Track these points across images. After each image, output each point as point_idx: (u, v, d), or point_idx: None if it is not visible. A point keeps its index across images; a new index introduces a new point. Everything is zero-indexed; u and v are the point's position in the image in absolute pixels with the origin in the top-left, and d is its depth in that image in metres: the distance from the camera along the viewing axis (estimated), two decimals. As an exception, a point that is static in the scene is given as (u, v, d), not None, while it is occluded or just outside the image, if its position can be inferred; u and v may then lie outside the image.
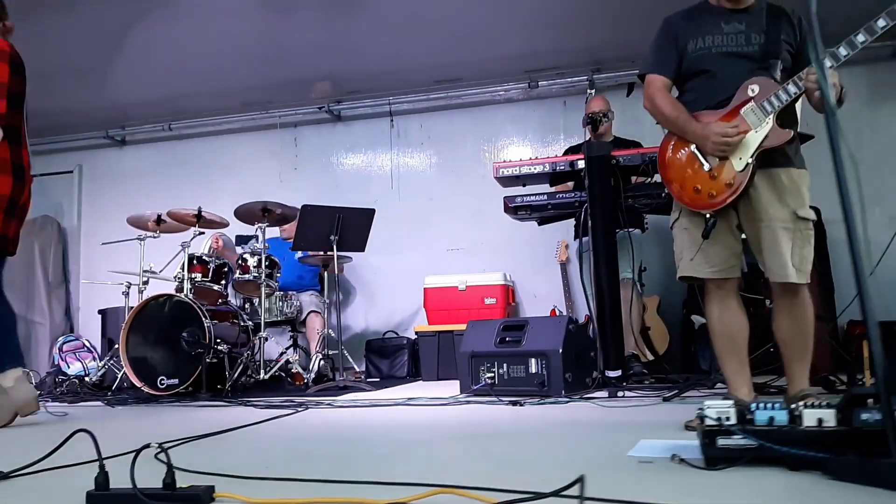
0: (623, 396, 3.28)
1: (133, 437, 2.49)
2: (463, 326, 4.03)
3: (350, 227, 4.60)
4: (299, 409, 3.29)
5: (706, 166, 2.35)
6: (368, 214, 4.68)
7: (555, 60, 5.55)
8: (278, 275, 4.86)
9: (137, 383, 4.21)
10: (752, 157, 2.28)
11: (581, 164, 3.65)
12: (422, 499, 1.25)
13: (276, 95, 6.05)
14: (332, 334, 4.70)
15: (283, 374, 4.71)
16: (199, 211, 4.67)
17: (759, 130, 2.28)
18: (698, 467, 1.60)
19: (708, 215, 2.35)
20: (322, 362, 4.74)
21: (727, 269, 2.37)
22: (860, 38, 2.17)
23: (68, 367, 5.69)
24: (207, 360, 4.16)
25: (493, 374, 3.56)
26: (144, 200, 6.02)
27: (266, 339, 4.65)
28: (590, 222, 3.60)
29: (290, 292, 5.16)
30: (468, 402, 3.32)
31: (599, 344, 3.62)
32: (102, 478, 1.37)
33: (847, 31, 2.22)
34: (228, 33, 5.36)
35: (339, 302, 4.83)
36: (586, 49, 5.47)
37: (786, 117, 2.33)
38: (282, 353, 5.01)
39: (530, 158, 3.85)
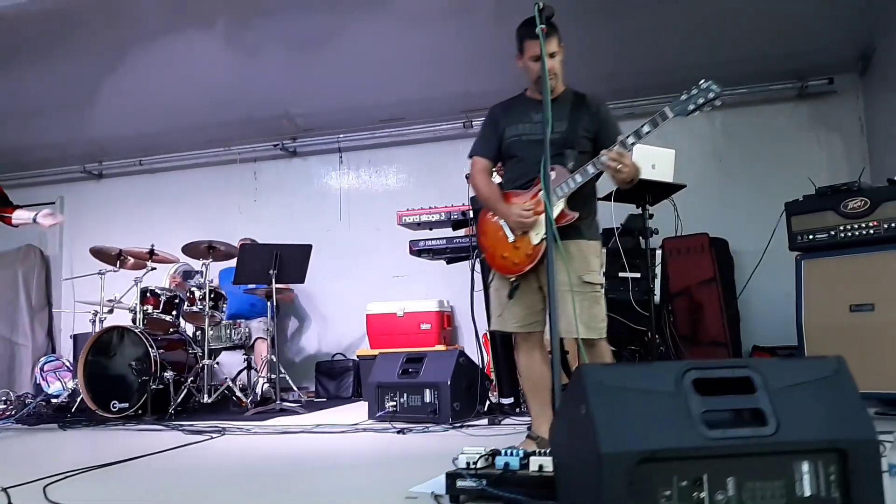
0: (499, 424, 3.66)
1: (40, 464, 2.92)
2: (402, 350, 4.45)
3: (288, 262, 5.01)
4: (214, 436, 3.73)
5: (510, 238, 2.74)
6: (305, 250, 5.09)
7: (487, 101, 5.91)
8: (224, 306, 5.30)
9: (91, 406, 4.67)
10: (545, 233, 2.65)
11: (471, 214, 4.03)
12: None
13: (236, 133, 6.51)
14: (274, 359, 5.13)
15: (230, 396, 5.14)
16: (152, 248, 5.14)
17: (553, 210, 2.65)
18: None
19: (512, 279, 2.73)
20: (266, 385, 5.18)
21: (529, 324, 2.75)
22: (644, 129, 2.55)
23: (49, 385, 6.16)
24: (153, 386, 4.62)
25: (395, 403, 3.98)
26: (120, 230, 6.54)
27: (212, 366, 5.09)
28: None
29: (239, 320, 5.59)
30: (364, 430, 3.72)
31: (494, 373, 4.02)
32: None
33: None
34: (194, 76, 5.84)
35: (275, 328, 5.28)
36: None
37: (578, 199, 2.69)
38: (235, 376, 5.46)
39: (430, 207, 4.25)
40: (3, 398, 6.04)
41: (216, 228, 6.14)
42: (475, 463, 2.10)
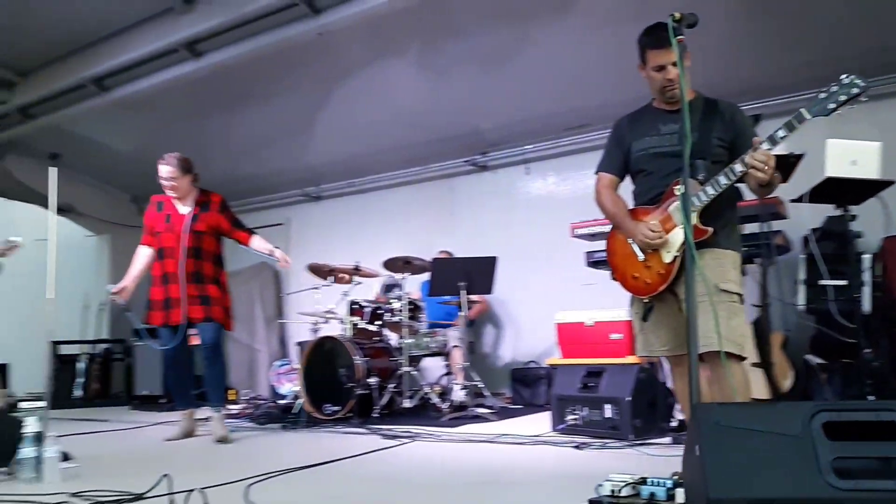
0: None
1: (255, 464, 3.36)
2: (592, 360, 4.46)
3: (476, 274, 5.24)
4: (406, 442, 4.02)
5: (640, 257, 2.63)
6: (491, 262, 5.28)
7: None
8: (421, 316, 5.65)
9: (308, 408, 5.25)
10: (677, 250, 2.52)
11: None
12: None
13: (432, 151, 6.88)
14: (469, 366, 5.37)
15: (430, 400, 5.47)
16: (357, 265, 5.63)
17: (683, 227, 2.50)
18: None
19: (646, 300, 2.62)
20: (462, 391, 5.43)
21: (675, 347, 2.62)
22: (780, 133, 2.35)
23: (281, 386, 7.00)
24: (359, 392, 5.07)
25: (576, 416, 4.00)
26: (336, 247, 7.24)
27: (411, 372, 5.43)
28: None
29: (437, 328, 5.92)
30: (544, 443, 3.79)
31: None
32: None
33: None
34: (392, 100, 6.31)
35: (468, 336, 5.49)
36: (703, 87, 5.53)
37: (713, 210, 2.54)
38: (435, 382, 5.82)
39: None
40: (246, 398, 7.00)
41: (417, 242, 6.58)
42: (619, 491, 2.09)
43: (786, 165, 3.56)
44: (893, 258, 4.30)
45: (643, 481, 2.09)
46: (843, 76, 2.29)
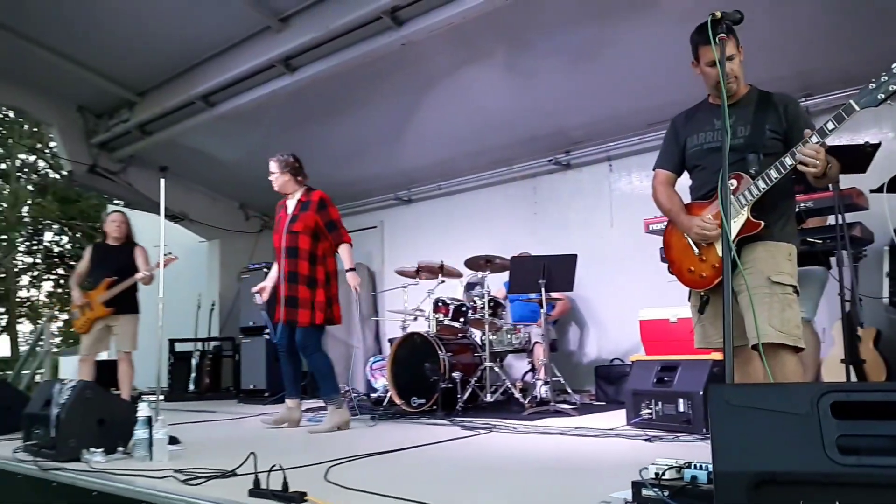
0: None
1: (338, 449, 3.61)
2: (677, 357, 4.49)
3: (556, 271, 5.33)
4: (482, 433, 4.19)
5: (696, 251, 2.67)
6: (571, 259, 5.36)
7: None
8: (503, 313, 5.80)
9: (396, 401, 5.51)
10: (733, 241, 2.54)
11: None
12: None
13: (516, 152, 7.02)
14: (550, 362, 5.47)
15: (513, 394, 5.61)
16: (441, 264, 5.86)
17: (736, 221, 2.54)
18: (631, 510, 2.12)
19: (702, 293, 2.66)
20: (544, 387, 5.54)
21: (734, 338, 2.63)
22: (829, 125, 2.35)
23: (376, 381, 7.34)
24: (443, 386, 5.29)
25: (650, 410, 4.04)
26: (425, 247, 7.51)
27: (494, 368, 5.59)
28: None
29: (519, 325, 6.05)
30: (617, 436, 3.86)
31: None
32: (254, 484, 2.46)
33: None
34: (477, 104, 6.52)
35: (550, 333, 5.59)
36: (792, 77, 5.42)
37: (766, 203, 2.57)
38: (521, 377, 5.97)
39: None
40: (344, 391, 7.37)
41: (502, 242, 6.74)
42: (663, 474, 2.18)
43: (862, 155, 3.47)
44: None
45: (687, 465, 2.17)
46: (894, 65, 2.28)
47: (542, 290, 5.30)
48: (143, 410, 3.46)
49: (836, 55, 5.16)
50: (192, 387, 8.31)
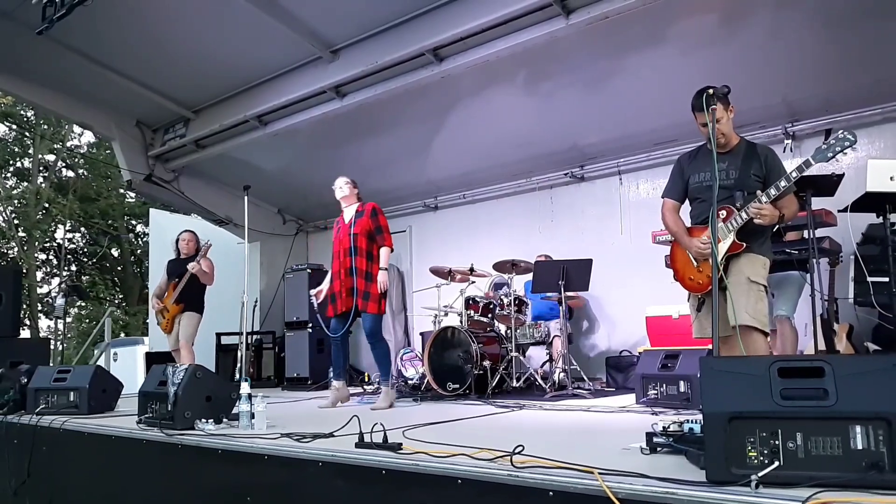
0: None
1: (404, 420, 4.42)
2: (679, 347, 5.28)
3: (574, 273, 6.14)
4: (515, 410, 5.00)
5: (695, 264, 3.50)
6: (587, 263, 6.17)
7: (755, 117, 6.37)
8: (526, 310, 6.62)
9: (434, 386, 6.33)
10: (722, 258, 3.37)
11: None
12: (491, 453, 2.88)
13: (535, 165, 7.83)
14: (567, 353, 6.29)
15: (534, 382, 6.42)
16: (472, 266, 6.67)
17: (725, 242, 3.37)
18: (645, 452, 2.90)
19: (699, 296, 3.49)
20: (562, 374, 6.36)
21: (722, 331, 3.44)
22: (781, 183, 3.18)
23: (406, 370, 8.14)
24: (476, 373, 6.10)
25: (656, 391, 4.85)
26: (451, 251, 8.33)
27: (519, 357, 6.41)
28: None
29: (540, 321, 6.86)
30: (628, 412, 4.67)
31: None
32: (360, 439, 3.27)
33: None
34: (500, 123, 7.32)
35: (567, 327, 6.40)
36: (780, 104, 6.21)
37: (748, 229, 3.39)
38: (540, 366, 6.79)
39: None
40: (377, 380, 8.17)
41: (522, 247, 7.53)
42: (668, 427, 2.99)
43: (830, 183, 4.28)
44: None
45: (686, 421, 2.98)
46: (840, 132, 3.10)
47: (562, 290, 6.12)
48: (244, 388, 4.26)
49: (821, 85, 5.96)
50: (237, 376, 9.11)
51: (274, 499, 3.40)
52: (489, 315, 6.62)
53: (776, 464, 2.13)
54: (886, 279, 4.34)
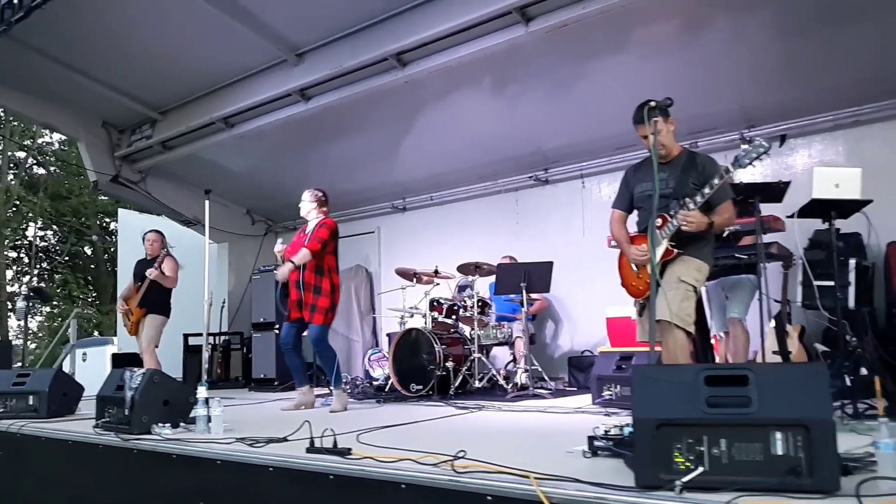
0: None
1: (359, 423, 4.46)
2: (634, 349, 5.39)
3: (535, 276, 6.23)
4: (474, 411, 5.07)
5: (635, 269, 3.61)
6: (548, 266, 6.26)
7: (714, 123, 6.50)
8: (490, 311, 6.70)
9: (397, 387, 6.38)
10: (657, 264, 3.47)
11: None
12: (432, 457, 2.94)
13: (500, 168, 7.91)
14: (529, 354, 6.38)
15: (497, 381, 6.49)
16: (436, 269, 6.74)
17: (659, 248, 3.48)
18: (587, 456, 2.98)
19: (641, 300, 3.59)
20: (524, 375, 6.44)
21: (660, 333, 3.55)
22: (705, 190, 3.29)
23: (374, 370, 8.20)
24: (439, 374, 6.16)
25: (611, 392, 4.95)
26: (419, 252, 8.38)
27: (482, 358, 6.48)
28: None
29: (503, 322, 6.95)
30: (583, 412, 4.75)
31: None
32: (310, 443, 3.31)
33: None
34: (467, 126, 7.37)
35: (529, 328, 6.49)
36: (737, 110, 6.34)
37: (684, 235, 3.48)
38: (504, 367, 6.87)
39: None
40: (344, 380, 8.22)
41: (488, 248, 7.59)
42: (609, 431, 3.08)
43: (777, 190, 4.40)
44: (895, 260, 5.04)
45: (627, 425, 3.06)
46: (756, 140, 3.22)
47: (524, 291, 6.20)
48: (201, 392, 4.28)
49: (776, 92, 6.09)
50: (204, 376, 9.09)
51: (226, 503, 3.44)
52: (453, 316, 6.69)
53: (701, 469, 2.21)
54: (832, 283, 4.46)
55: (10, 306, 23.01)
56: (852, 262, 4.55)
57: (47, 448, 4.57)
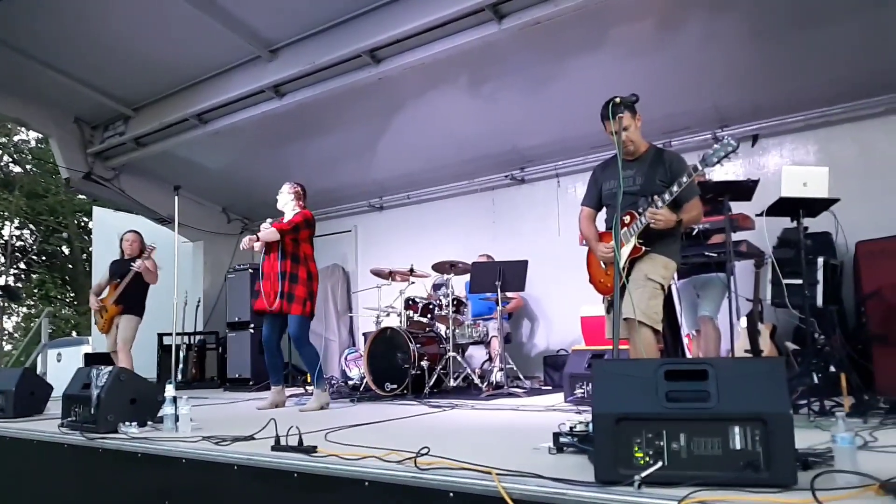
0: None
1: (330, 422, 4.44)
2: (605, 347, 5.40)
3: (510, 274, 6.23)
4: (447, 409, 5.06)
5: (603, 266, 3.61)
6: (523, 264, 6.26)
7: (690, 121, 6.54)
8: (465, 310, 6.69)
9: (372, 386, 6.35)
10: (625, 261, 3.48)
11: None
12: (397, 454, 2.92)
13: (476, 167, 7.91)
14: (504, 352, 6.38)
15: (472, 380, 6.49)
16: (411, 268, 6.71)
17: (627, 246, 3.48)
18: (553, 452, 2.98)
19: (609, 298, 3.59)
20: (500, 373, 6.44)
21: (627, 330, 3.56)
22: (674, 188, 3.29)
23: (350, 370, 8.15)
24: (413, 373, 6.14)
25: (583, 390, 4.96)
26: (397, 250, 8.36)
27: (457, 357, 6.47)
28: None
29: (479, 321, 6.94)
30: (555, 410, 4.76)
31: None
32: (276, 441, 3.28)
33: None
34: (443, 124, 7.36)
35: (504, 327, 6.49)
36: (710, 110, 6.38)
37: (652, 232, 3.49)
38: (480, 366, 6.86)
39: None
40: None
41: (465, 247, 7.61)
42: (574, 427, 3.07)
43: (746, 188, 4.42)
44: (864, 259, 5.08)
45: (591, 422, 3.06)
46: (724, 138, 3.23)
47: (499, 290, 6.20)
48: (169, 391, 4.24)
49: (749, 92, 6.15)
50: (179, 376, 9.01)
51: (192, 502, 3.40)
52: (429, 315, 6.67)
53: (660, 464, 2.21)
54: (800, 281, 4.49)
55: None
56: (820, 260, 4.59)
57: (13, 448, 4.51)
